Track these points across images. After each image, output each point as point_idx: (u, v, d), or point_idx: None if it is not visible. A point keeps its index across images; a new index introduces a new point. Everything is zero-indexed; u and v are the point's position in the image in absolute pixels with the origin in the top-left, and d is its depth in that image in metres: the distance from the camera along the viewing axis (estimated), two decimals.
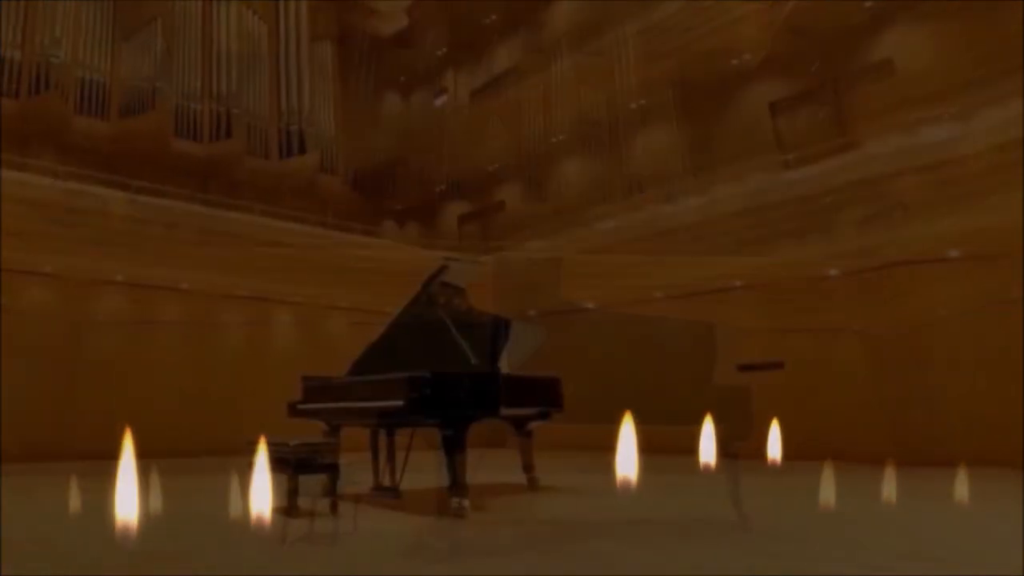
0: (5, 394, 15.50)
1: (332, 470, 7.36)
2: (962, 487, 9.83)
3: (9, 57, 20.02)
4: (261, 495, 6.88)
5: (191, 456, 16.57)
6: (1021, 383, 12.46)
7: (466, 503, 7.11)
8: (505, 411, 7.96)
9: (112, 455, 6.41)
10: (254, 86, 25.09)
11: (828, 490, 9.73)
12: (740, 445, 7.27)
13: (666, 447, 7.39)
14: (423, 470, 9.19)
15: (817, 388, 15.18)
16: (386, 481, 8.92)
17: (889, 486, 10.03)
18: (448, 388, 7.25)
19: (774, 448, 12.40)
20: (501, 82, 26.64)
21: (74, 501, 9.23)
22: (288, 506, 7.04)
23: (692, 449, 4.54)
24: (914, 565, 4.89)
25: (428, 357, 7.83)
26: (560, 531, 6.47)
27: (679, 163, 20.86)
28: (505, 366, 8.19)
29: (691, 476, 5.55)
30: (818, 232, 15.10)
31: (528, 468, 9.75)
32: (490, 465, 12.45)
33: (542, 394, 9.27)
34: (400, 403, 7.30)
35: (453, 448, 7.27)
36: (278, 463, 7.14)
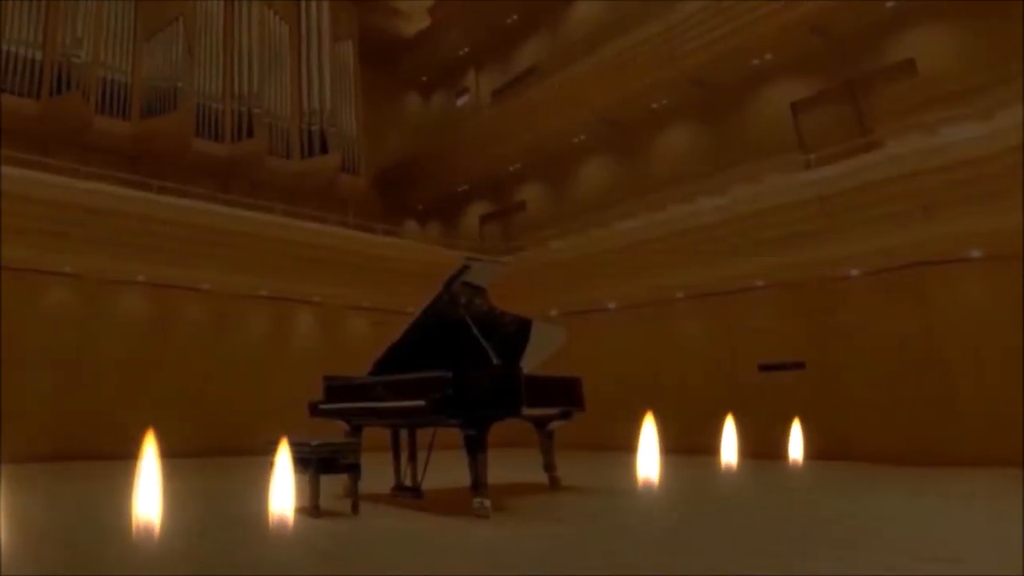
0: (25, 395, 15.59)
1: (354, 470, 7.37)
2: (979, 487, 9.80)
3: (31, 57, 20.12)
4: (282, 495, 6.91)
5: (211, 456, 16.64)
6: (1021, 382, 12.48)
7: (487, 503, 7.09)
8: (527, 411, 7.94)
9: (132, 455, 6.46)
10: (276, 86, 25.21)
11: (844, 489, 9.71)
12: None
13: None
14: (445, 469, 9.22)
15: (836, 388, 15.15)
16: (408, 481, 8.92)
17: (905, 486, 10.01)
18: (470, 388, 7.24)
19: (795, 447, 12.38)
20: (522, 82, 26.70)
21: (94, 500, 9.27)
22: (310, 506, 7.05)
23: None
24: (928, 565, 4.87)
25: (450, 357, 7.82)
26: (581, 530, 6.45)
27: (700, 163, 20.85)
28: (526, 366, 8.18)
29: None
30: (838, 232, 15.06)
31: (550, 467, 9.73)
32: (511, 464, 12.48)
33: (563, 394, 9.27)
34: (422, 403, 7.31)
35: (475, 448, 7.27)
36: (299, 463, 7.16)
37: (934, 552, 5.31)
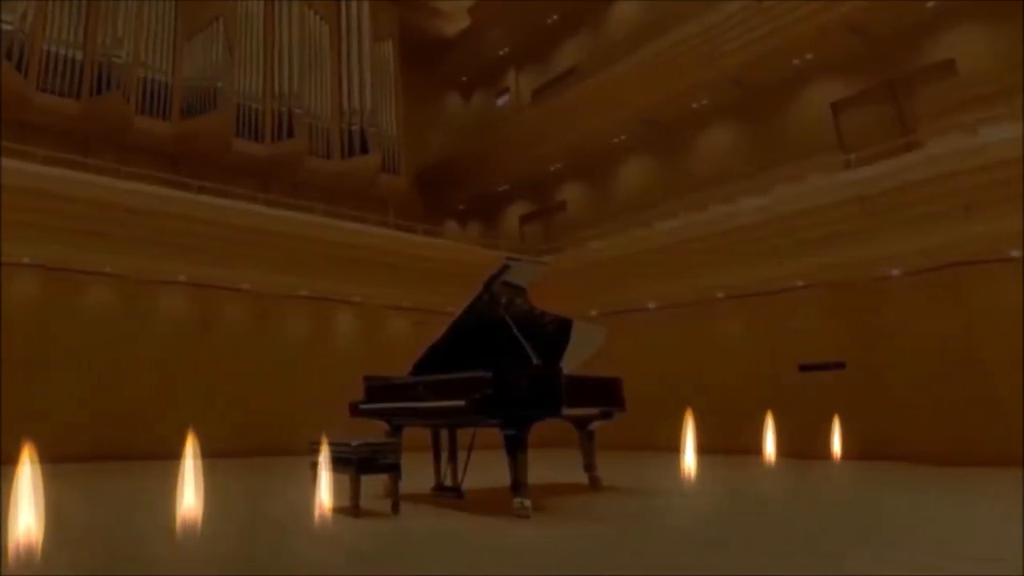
0: (64, 394, 15.75)
1: (394, 470, 7.36)
2: (1004, 487, 9.69)
3: (71, 57, 20.31)
4: (323, 495, 6.92)
5: (251, 456, 16.70)
6: None
7: (528, 503, 7.07)
8: (567, 411, 7.90)
9: (170, 456, 6.48)
10: (316, 86, 25.30)
11: (881, 488, 9.63)
12: None
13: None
14: (485, 469, 9.22)
15: (877, 388, 15.05)
16: (448, 481, 8.92)
17: (938, 486, 9.93)
18: (510, 388, 7.21)
19: (835, 446, 12.36)
20: (562, 82, 26.70)
21: (133, 499, 9.32)
22: (350, 506, 7.05)
23: None
24: (957, 564, 4.82)
25: (490, 357, 7.80)
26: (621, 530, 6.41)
27: (740, 163, 20.79)
28: (567, 366, 8.15)
29: None
30: (879, 232, 14.97)
31: (590, 467, 9.69)
32: (552, 464, 12.47)
33: (604, 394, 9.23)
34: (462, 403, 7.29)
35: (515, 448, 7.24)
36: (340, 463, 7.16)
37: (955, 550, 5.26)
